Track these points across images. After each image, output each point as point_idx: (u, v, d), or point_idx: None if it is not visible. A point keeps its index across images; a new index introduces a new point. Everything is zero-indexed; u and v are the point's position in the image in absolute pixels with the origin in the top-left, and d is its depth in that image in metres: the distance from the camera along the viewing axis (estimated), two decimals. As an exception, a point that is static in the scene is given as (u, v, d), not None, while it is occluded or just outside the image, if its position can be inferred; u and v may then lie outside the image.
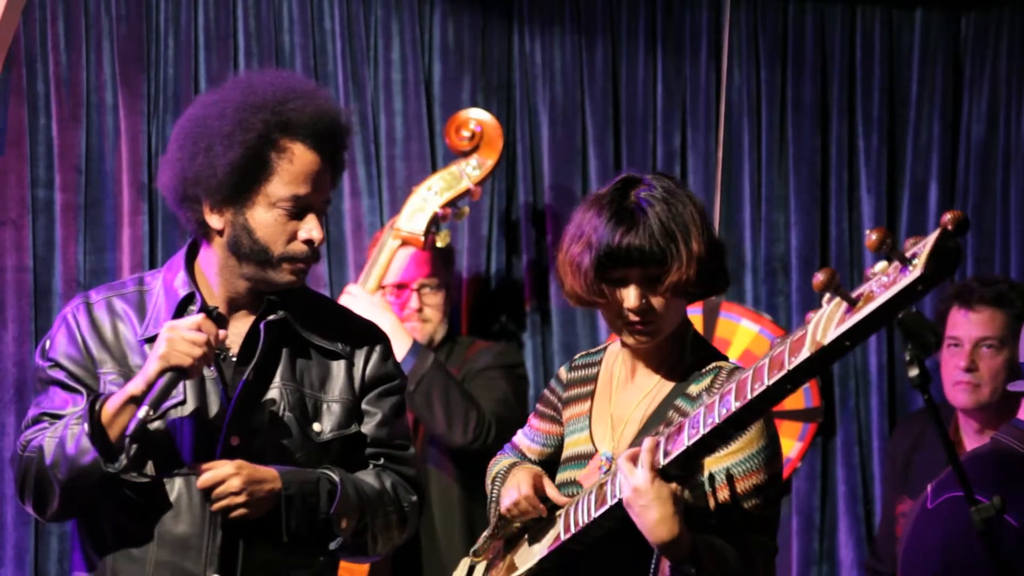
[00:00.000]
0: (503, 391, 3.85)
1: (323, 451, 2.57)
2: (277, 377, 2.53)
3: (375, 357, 2.63)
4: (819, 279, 1.88)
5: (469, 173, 3.96)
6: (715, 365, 2.38)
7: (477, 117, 4.03)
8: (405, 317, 3.88)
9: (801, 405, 4.38)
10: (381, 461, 2.63)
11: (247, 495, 2.42)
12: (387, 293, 3.90)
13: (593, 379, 2.52)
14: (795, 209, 4.48)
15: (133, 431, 2.33)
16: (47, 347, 2.56)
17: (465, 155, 3.98)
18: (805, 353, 1.94)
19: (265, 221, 2.47)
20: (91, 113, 4.02)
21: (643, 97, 4.42)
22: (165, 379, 2.36)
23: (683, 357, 2.41)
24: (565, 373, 2.58)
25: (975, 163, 4.57)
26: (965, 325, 3.66)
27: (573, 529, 2.32)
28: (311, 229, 2.49)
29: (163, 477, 2.47)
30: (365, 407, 2.62)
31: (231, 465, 2.43)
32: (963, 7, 4.59)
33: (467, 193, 3.96)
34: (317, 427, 2.56)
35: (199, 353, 2.37)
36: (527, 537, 2.47)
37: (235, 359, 2.53)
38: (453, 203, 3.95)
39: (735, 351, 4.25)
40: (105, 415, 2.40)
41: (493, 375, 3.87)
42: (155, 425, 2.41)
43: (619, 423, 2.42)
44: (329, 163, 2.52)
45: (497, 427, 3.74)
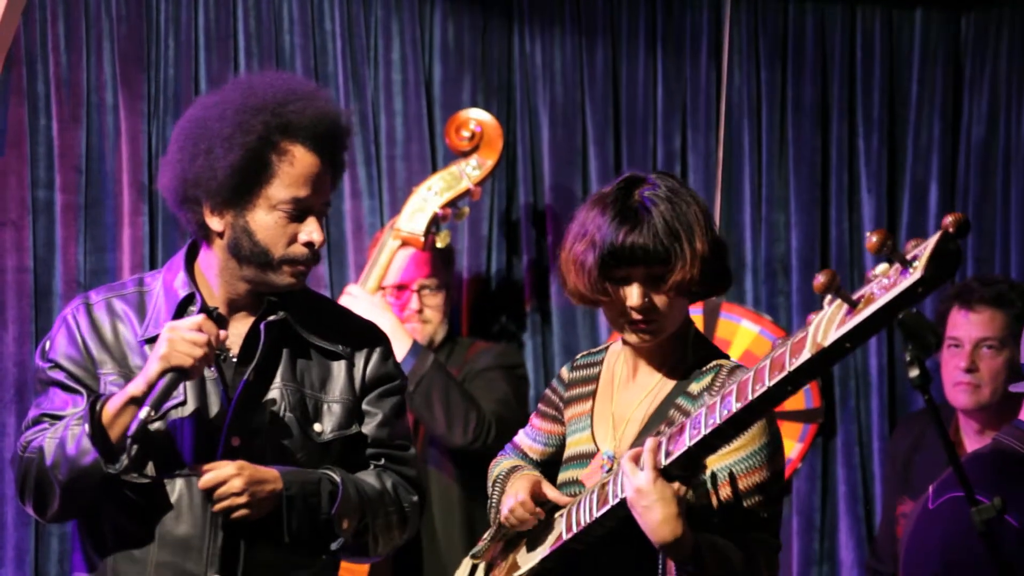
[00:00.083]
0: (503, 392, 3.84)
1: (324, 452, 2.57)
2: (278, 378, 2.53)
3: (375, 358, 2.63)
4: (819, 281, 1.88)
5: (469, 173, 3.95)
6: (716, 363, 2.39)
7: (477, 117, 4.02)
8: (405, 318, 3.87)
9: (802, 406, 4.38)
10: (382, 461, 2.63)
11: (248, 496, 2.42)
12: (387, 294, 3.90)
13: (595, 378, 2.52)
14: (795, 210, 4.48)
15: (134, 432, 2.33)
16: (47, 348, 2.56)
17: (465, 155, 3.98)
18: (806, 354, 1.94)
19: (265, 223, 2.47)
20: (91, 113, 4.02)
21: (643, 98, 4.42)
22: (166, 380, 2.36)
23: (684, 356, 2.42)
24: (567, 372, 2.58)
25: (975, 164, 4.57)
26: (965, 326, 3.66)
27: (575, 529, 2.32)
28: (311, 231, 2.48)
29: (164, 478, 2.47)
30: (366, 407, 2.62)
31: (232, 466, 2.42)
32: (963, 7, 4.59)
33: (467, 193, 3.96)
34: (318, 427, 2.56)
35: (200, 354, 2.37)
36: (529, 537, 2.47)
37: (235, 360, 2.53)
38: (453, 203, 3.94)
39: (735, 352, 4.25)
40: (106, 416, 2.40)
41: (493, 376, 3.87)
42: (156, 426, 2.41)
43: (620, 422, 2.42)
44: (329, 165, 2.52)
45: (497, 428, 3.74)
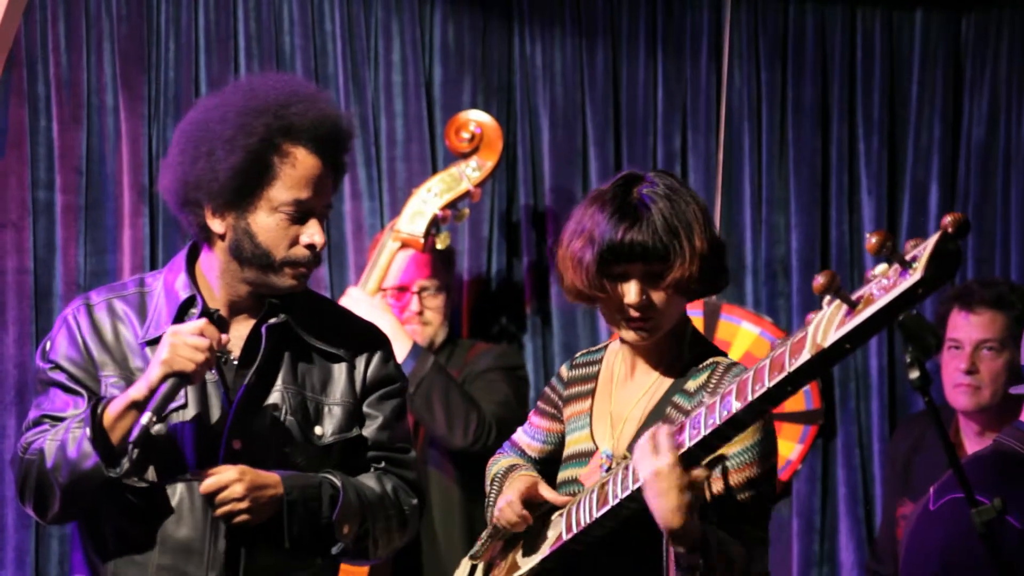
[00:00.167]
0: (504, 393, 3.84)
1: (325, 454, 2.56)
2: (279, 380, 2.53)
3: (376, 360, 2.63)
4: (819, 282, 1.88)
5: (469, 175, 3.95)
6: (712, 360, 2.39)
7: (477, 119, 4.02)
8: (405, 320, 3.87)
9: (802, 407, 4.38)
10: (382, 464, 2.63)
11: (250, 501, 2.42)
12: (387, 296, 3.89)
13: (594, 377, 2.52)
14: (795, 211, 4.48)
15: (136, 437, 2.33)
16: (47, 349, 2.56)
17: (465, 157, 3.98)
18: (805, 355, 1.94)
19: (267, 225, 2.46)
20: (92, 115, 4.02)
21: (643, 99, 4.42)
22: (168, 385, 2.36)
23: (681, 354, 2.42)
24: (566, 371, 2.58)
25: (976, 165, 4.57)
26: (966, 327, 3.65)
27: (575, 529, 2.32)
28: (313, 234, 2.48)
29: (165, 482, 2.47)
30: (366, 410, 2.61)
31: (234, 471, 2.42)
32: (963, 8, 4.59)
33: (467, 195, 3.96)
34: (319, 430, 2.56)
35: (202, 359, 2.36)
36: (529, 537, 2.47)
37: (236, 363, 2.52)
38: (453, 205, 3.94)
39: (736, 353, 4.25)
40: (107, 419, 2.40)
41: (494, 377, 3.86)
42: (156, 429, 2.40)
43: (619, 421, 2.43)
44: (331, 167, 2.52)
45: (498, 429, 3.73)
